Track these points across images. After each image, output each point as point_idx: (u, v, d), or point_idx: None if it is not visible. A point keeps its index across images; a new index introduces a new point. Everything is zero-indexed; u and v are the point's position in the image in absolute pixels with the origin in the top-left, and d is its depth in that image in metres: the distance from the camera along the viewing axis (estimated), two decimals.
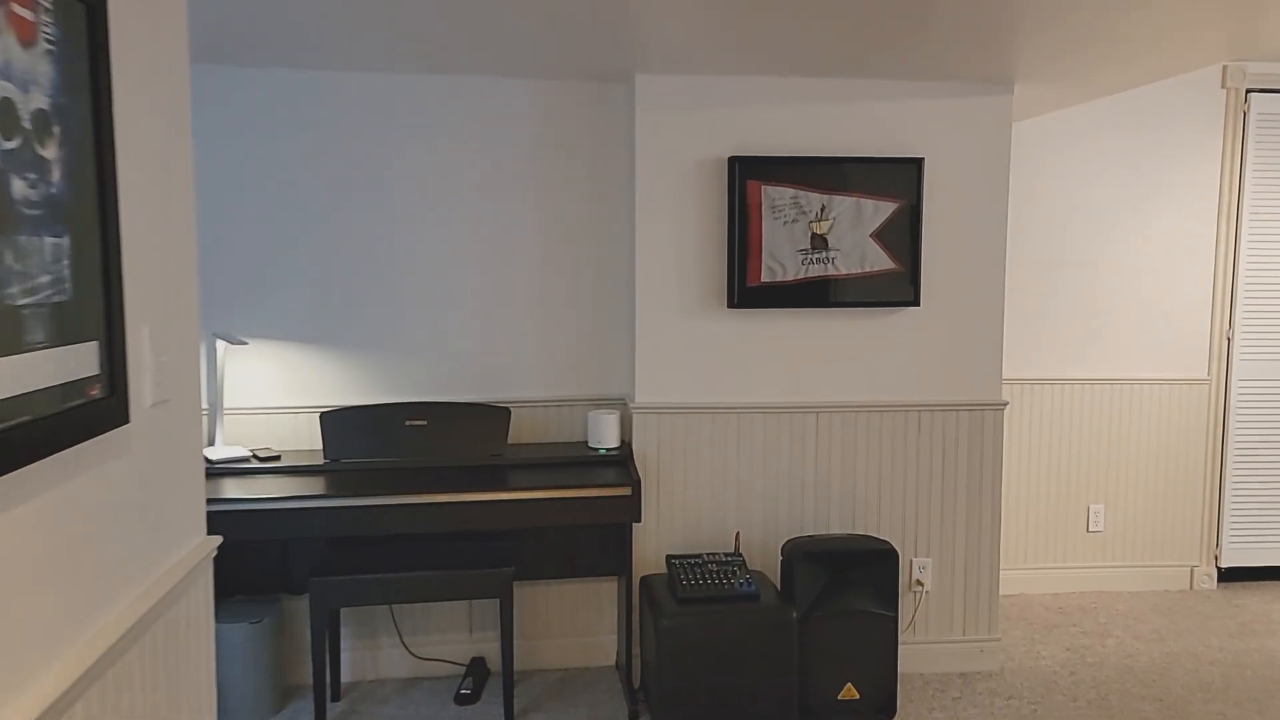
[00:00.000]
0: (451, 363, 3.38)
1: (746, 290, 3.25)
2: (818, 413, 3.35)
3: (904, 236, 3.29)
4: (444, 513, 2.96)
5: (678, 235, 3.25)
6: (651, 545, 3.33)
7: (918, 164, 3.26)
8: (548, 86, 3.35)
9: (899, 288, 3.31)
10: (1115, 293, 4.20)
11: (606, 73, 3.21)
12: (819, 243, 3.26)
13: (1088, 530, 4.30)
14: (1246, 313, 4.19)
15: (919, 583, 3.45)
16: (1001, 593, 4.22)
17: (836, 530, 3.40)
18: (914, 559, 3.45)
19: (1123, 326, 4.21)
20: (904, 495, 3.42)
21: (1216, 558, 4.31)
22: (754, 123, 3.24)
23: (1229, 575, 4.39)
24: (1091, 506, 4.28)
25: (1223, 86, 4.13)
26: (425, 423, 3.18)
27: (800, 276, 3.26)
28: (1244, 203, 4.15)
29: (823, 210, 3.25)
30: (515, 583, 3.41)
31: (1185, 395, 4.25)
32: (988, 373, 3.41)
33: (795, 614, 2.94)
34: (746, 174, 3.21)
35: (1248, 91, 4.13)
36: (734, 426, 3.32)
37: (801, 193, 3.24)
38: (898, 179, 3.27)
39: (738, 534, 3.28)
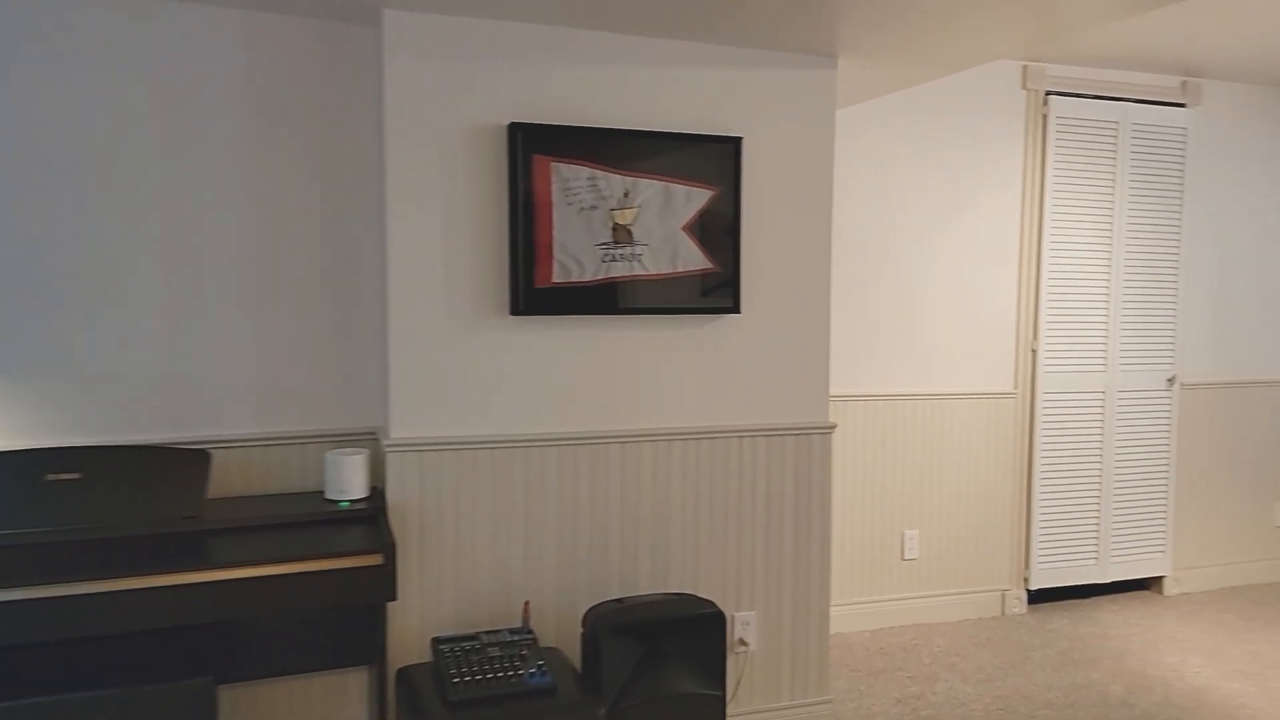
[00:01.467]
0: (123, 391, 2.44)
1: (534, 293, 2.57)
2: (623, 443, 2.73)
3: (721, 230, 2.74)
4: (106, 607, 2.05)
5: (443, 223, 2.52)
6: (413, 625, 2.56)
7: (735, 144, 2.74)
8: (265, 21, 2.51)
9: (717, 291, 2.76)
10: (926, 302, 3.92)
11: (346, 6, 2.44)
12: (622, 235, 2.65)
13: (903, 558, 3.97)
14: (1050, 323, 4.04)
15: (742, 642, 2.91)
16: None
17: (648, 589, 2.79)
18: (736, 614, 2.90)
19: (933, 338, 3.94)
20: (725, 539, 2.86)
21: (1026, 580, 4.13)
22: (542, 83, 2.58)
23: (1037, 597, 4.22)
24: (906, 532, 3.96)
25: (1023, 87, 3.97)
26: (79, 476, 2.24)
27: (601, 277, 2.63)
28: (1046, 208, 4.01)
29: (626, 196, 2.64)
30: (227, 686, 2.51)
31: (994, 410, 4.04)
32: (815, 391, 2.94)
33: (603, 709, 2.27)
34: (533, 146, 2.54)
35: (1047, 94, 3.99)
36: (520, 464, 2.63)
37: (601, 173, 2.61)
38: (714, 161, 2.72)
39: (527, 603, 2.58)
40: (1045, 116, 3.98)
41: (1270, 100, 4.40)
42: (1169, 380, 4.25)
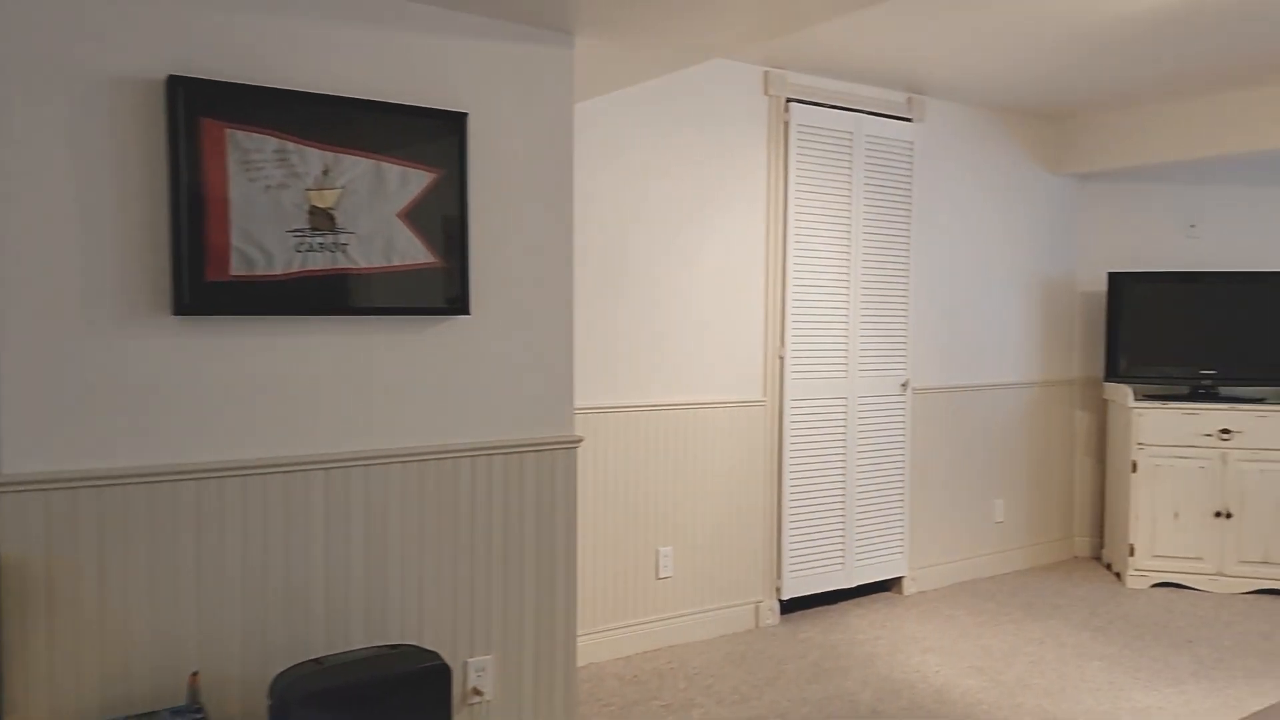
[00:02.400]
0: None
1: (206, 288, 2.08)
2: (327, 469, 2.29)
3: (446, 220, 2.38)
4: None
5: (79, 201, 1.97)
6: (41, 708, 1.97)
7: (460, 121, 2.39)
8: None
9: (442, 290, 2.39)
10: (677, 310, 3.76)
11: None
12: (322, 221, 2.22)
13: (657, 577, 3.78)
14: (795, 330, 4.03)
15: (477, 692, 2.54)
16: None
17: (361, 644, 2.35)
18: (470, 661, 2.53)
19: (685, 347, 3.79)
20: (455, 575, 2.49)
21: (778, 590, 4.07)
22: (218, 28, 2.10)
23: (789, 606, 4.18)
24: (661, 550, 3.77)
25: (766, 93, 3.93)
26: None
27: (296, 270, 2.19)
28: (789, 216, 3.99)
29: (326, 174, 2.22)
30: None
31: (746, 419, 3.96)
32: (558, 402, 2.64)
33: None
34: (200, 107, 2.06)
35: (788, 101, 3.98)
36: (191, 502, 2.11)
37: (293, 145, 2.17)
38: (436, 139, 2.36)
39: (194, 675, 2.06)
40: (787, 124, 3.97)
41: (984, 120, 4.69)
42: (903, 385, 4.38)
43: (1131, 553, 4.62)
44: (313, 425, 2.26)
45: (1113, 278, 4.79)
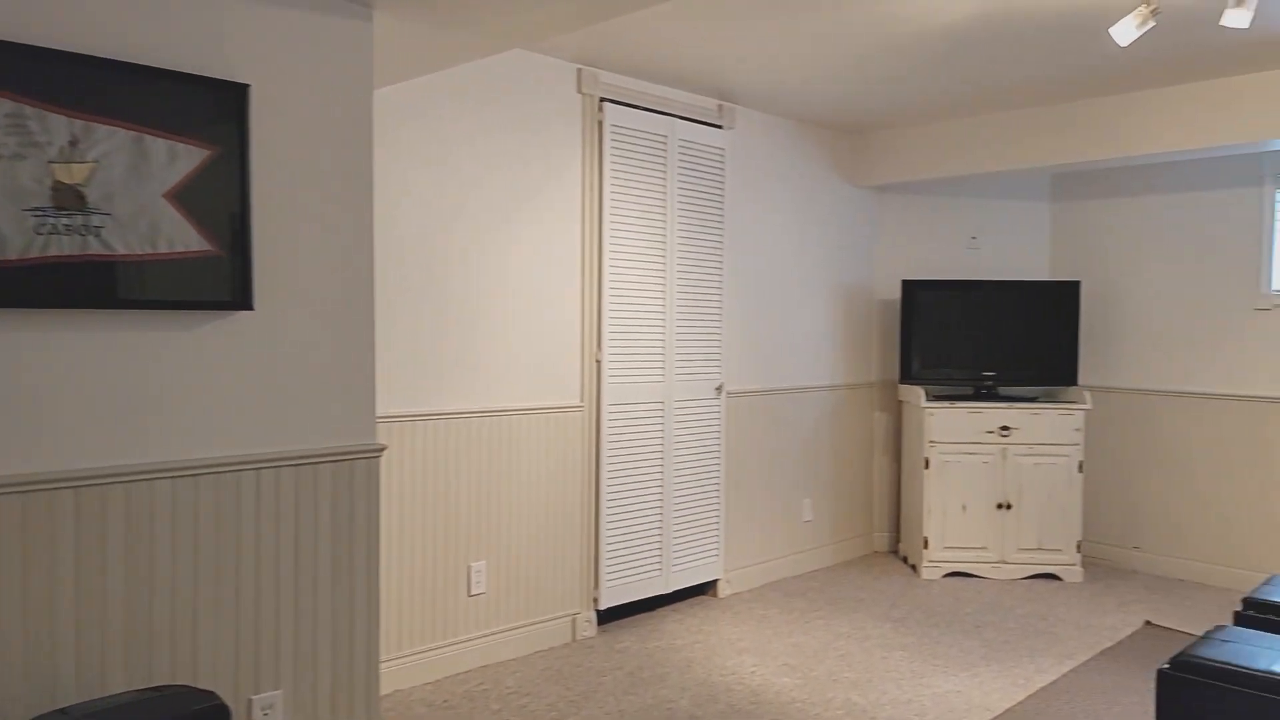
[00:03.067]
0: None
1: None
2: (78, 488, 1.97)
3: (225, 203, 2.12)
4: None
5: None
6: None
7: (240, 93, 2.14)
8: None
9: (218, 281, 2.12)
10: (492, 312, 3.60)
11: None
12: (69, 199, 1.91)
13: (469, 594, 3.59)
14: (612, 334, 3.96)
15: None
16: None
17: (121, 688, 2.03)
18: (255, 698, 2.26)
19: (500, 351, 3.63)
20: (237, 603, 2.21)
21: (596, 600, 3.98)
22: None
23: (607, 616, 4.10)
24: (473, 565, 3.58)
25: (579, 91, 3.86)
26: None
27: (36, 255, 1.87)
28: (605, 218, 3.93)
29: (74, 145, 1.91)
30: None
31: (563, 425, 3.85)
32: (357, 407, 2.42)
33: None
34: None
35: (602, 100, 3.93)
36: None
37: (33, 109, 1.86)
38: (211, 112, 2.10)
39: None
40: (601, 124, 3.91)
41: (791, 131, 4.84)
42: (717, 389, 4.42)
43: (925, 545, 4.89)
44: (60, 436, 1.94)
45: (906, 285, 5.07)
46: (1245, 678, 2.49)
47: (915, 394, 4.97)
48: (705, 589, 4.54)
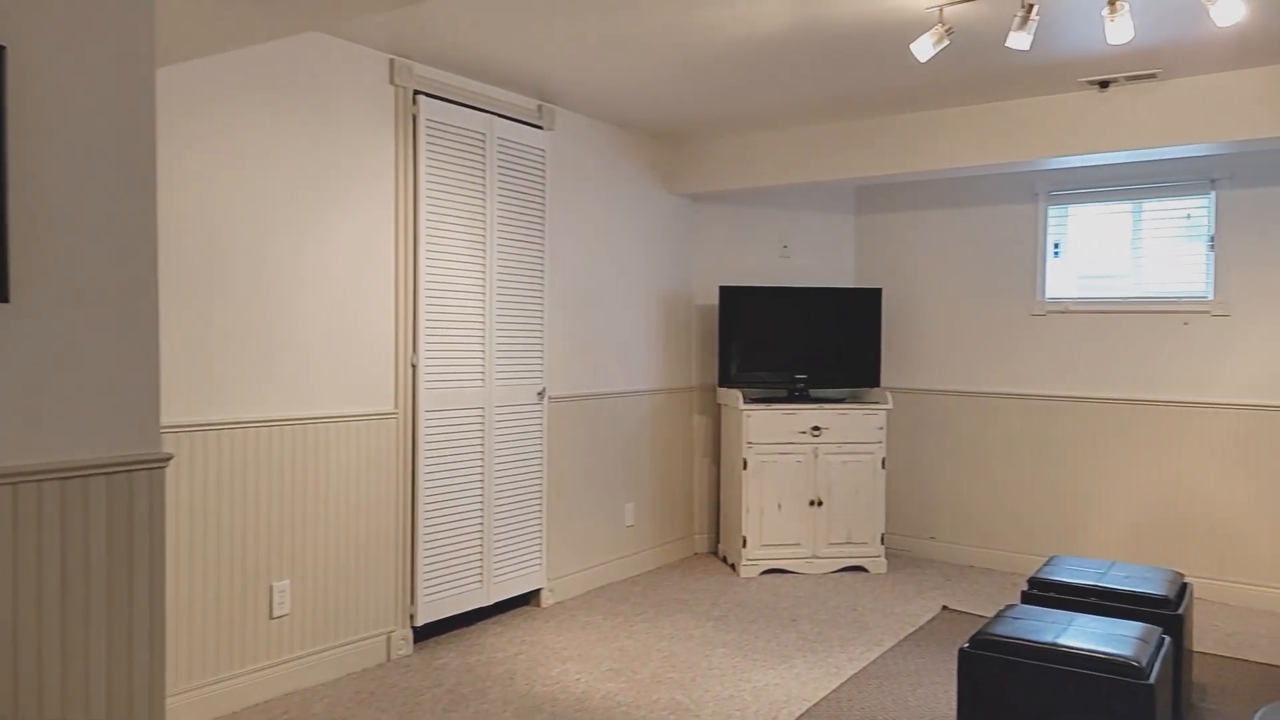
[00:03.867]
0: None
1: None
2: None
3: None
4: None
5: None
6: None
7: None
8: None
9: None
10: (296, 313, 3.36)
11: None
12: None
13: (272, 616, 3.32)
14: (429, 337, 3.80)
15: None
16: None
17: None
18: None
19: (305, 354, 3.39)
20: None
21: (412, 616, 3.79)
22: None
23: (425, 633, 3.91)
24: (275, 585, 3.32)
25: (392, 82, 3.68)
26: None
27: None
28: (421, 215, 3.76)
29: None
30: None
31: (376, 433, 3.64)
32: (138, 411, 2.16)
33: None
34: None
35: (416, 93, 3.77)
36: None
37: None
38: None
39: None
40: (415, 117, 3.75)
41: (611, 136, 4.84)
42: (539, 394, 4.34)
43: (744, 544, 5.01)
44: None
45: (724, 291, 5.19)
46: (1035, 650, 2.67)
47: (733, 397, 5.10)
48: (528, 599, 4.44)
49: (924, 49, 3.18)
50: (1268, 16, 3.15)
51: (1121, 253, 4.95)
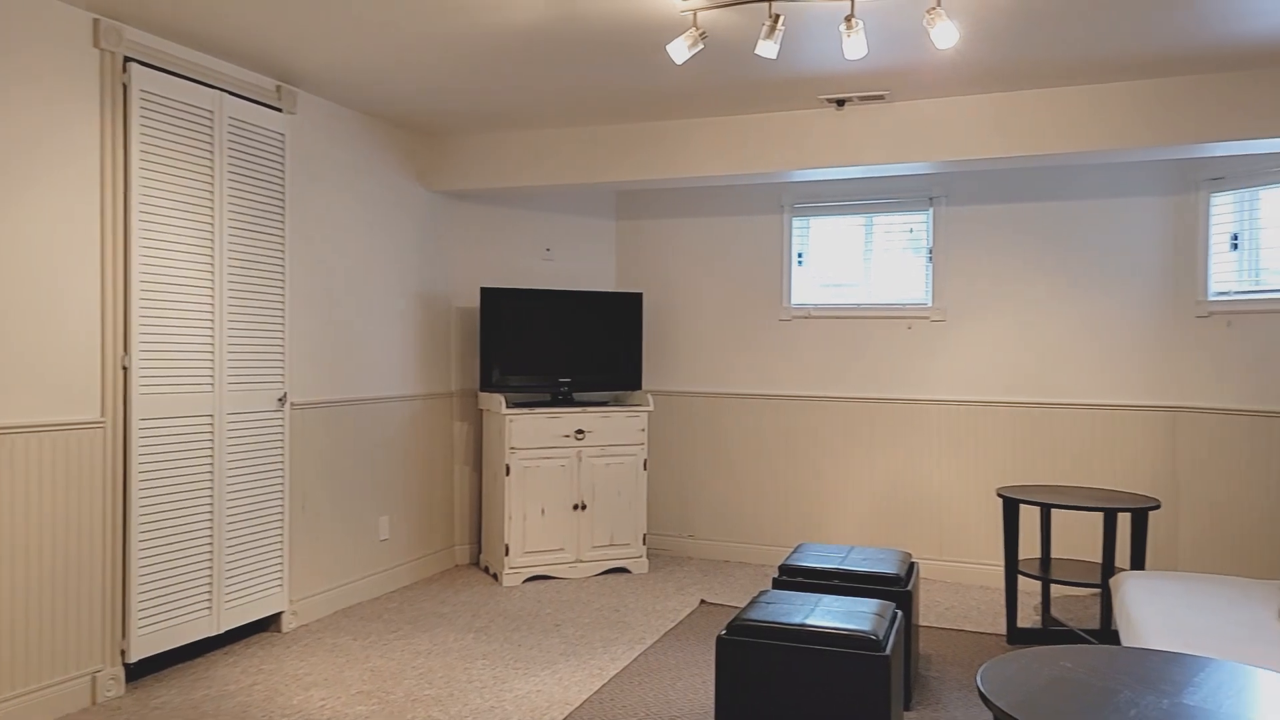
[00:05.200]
0: None
1: None
2: None
3: None
4: None
5: None
6: None
7: None
8: None
9: None
10: None
11: None
12: None
13: None
14: (145, 336, 3.36)
15: None
16: None
17: None
18: None
19: None
20: None
21: (124, 653, 3.32)
22: None
23: (141, 670, 3.45)
24: None
25: (96, 46, 3.24)
26: None
27: None
28: (133, 198, 3.33)
29: None
30: None
31: (74, 445, 3.16)
32: None
33: None
34: None
35: (126, 60, 3.34)
36: None
37: None
38: None
39: None
40: (127, 87, 3.32)
41: (361, 125, 4.56)
42: (280, 400, 3.98)
43: (507, 552, 4.87)
44: None
45: (485, 293, 5.04)
46: (784, 632, 2.75)
47: (496, 402, 4.96)
48: (268, 624, 4.05)
49: (679, 51, 3.23)
50: (981, 49, 3.50)
51: (856, 263, 5.34)
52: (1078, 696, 1.83)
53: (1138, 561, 3.84)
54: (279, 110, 3.99)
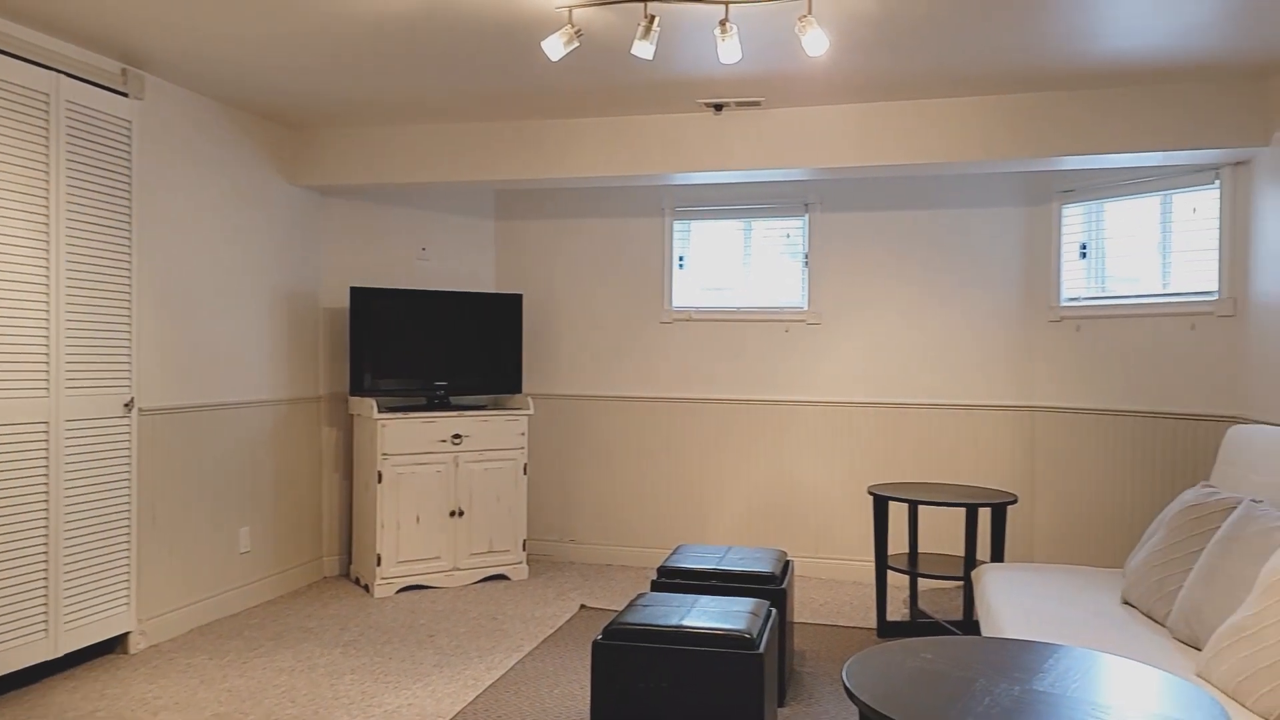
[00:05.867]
0: None
1: None
2: None
3: None
4: None
5: None
6: None
7: None
8: None
9: None
10: None
11: None
12: None
13: None
14: None
15: None
16: None
17: None
18: None
19: None
20: None
21: None
22: None
23: None
24: None
25: None
26: None
27: None
28: None
29: None
30: None
31: None
32: None
33: None
34: None
35: None
36: None
37: None
38: None
39: None
40: None
41: (219, 114, 4.32)
42: (126, 405, 3.71)
43: (379, 562, 4.70)
44: None
45: (355, 293, 4.86)
46: (660, 634, 2.73)
47: (367, 406, 4.77)
48: (113, 645, 3.76)
49: (555, 48, 3.18)
50: (851, 59, 3.58)
51: (736, 266, 5.41)
52: (937, 687, 1.87)
53: (997, 554, 4.01)
54: (124, 95, 3.72)
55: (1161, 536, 2.99)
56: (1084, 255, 4.77)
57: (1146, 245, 4.51)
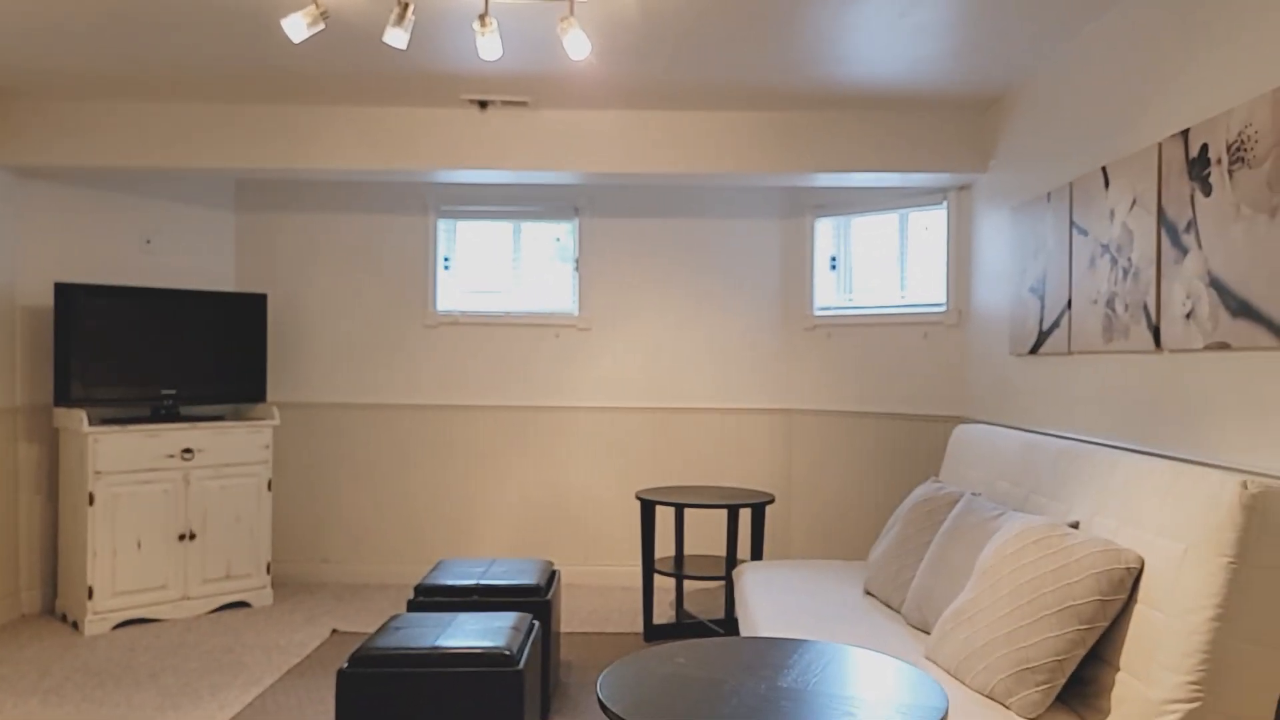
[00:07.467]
0: None
1: None
2: None
3: None
4: None
5: None
6: None
7: None
8: None
9: None
10: None
11: None
12: None
13: None
14: None
15: None
16: None
17: None
18: None
19: None
20: None
21: None
22: None
23: None
24: None
25: None
26: None
27: None
28: None
29: None
30: None
31: None
32: None
33: None
34: None
35: None
36: None
37: None
38: None
39: None
40: None
41: None
42: None
43: (90, 595, 4.11)
44: None
45: (61, 290, 4.23)
46: (413, 657, 2.54)
47: (75, 418, 4.17)
48: None
49: (296, 28, 2.90)
50: (616, 64, 3.56)
51: (505, 269, 5.27)
52: (687, 692, 1.84)
53: (757, 553, 4.13)
54: None
55: (898, 530, 3.18)
56: (834, 267, 5.06)
57: (887, 259, 4.86)
